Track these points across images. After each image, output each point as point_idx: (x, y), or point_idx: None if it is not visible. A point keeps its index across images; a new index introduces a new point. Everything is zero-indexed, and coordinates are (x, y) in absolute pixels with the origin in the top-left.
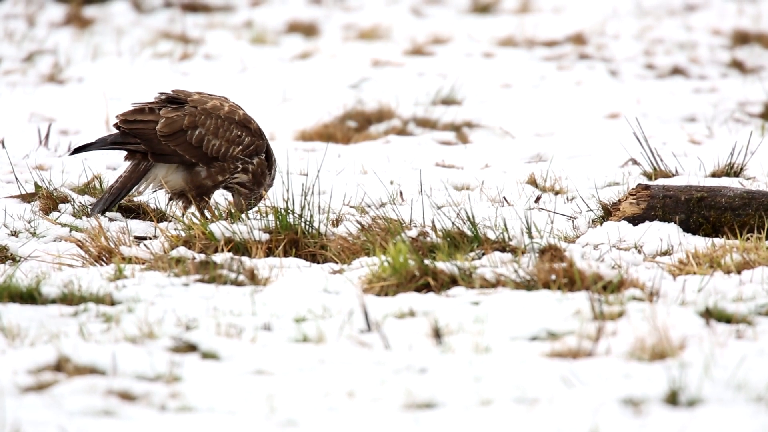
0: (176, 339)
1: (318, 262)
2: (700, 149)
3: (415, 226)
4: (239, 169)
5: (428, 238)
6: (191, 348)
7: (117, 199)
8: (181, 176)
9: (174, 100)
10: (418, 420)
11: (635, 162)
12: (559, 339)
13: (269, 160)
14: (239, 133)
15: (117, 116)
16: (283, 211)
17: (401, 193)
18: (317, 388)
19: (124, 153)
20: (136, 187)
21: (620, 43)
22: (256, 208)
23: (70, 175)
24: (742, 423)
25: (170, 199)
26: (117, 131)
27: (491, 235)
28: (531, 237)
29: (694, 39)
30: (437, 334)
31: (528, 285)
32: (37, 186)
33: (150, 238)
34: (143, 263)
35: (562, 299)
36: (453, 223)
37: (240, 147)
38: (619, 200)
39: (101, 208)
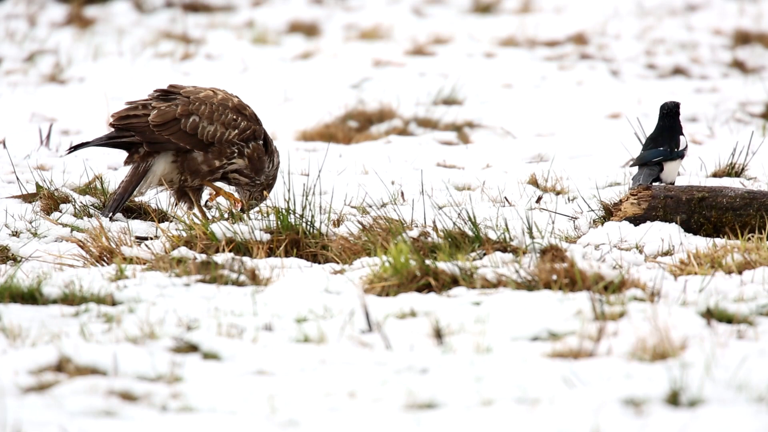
0: (177, 339)
1: (319, 263)
2: (701, 149)
3: (417, 227)
4: (235, 154)
5: (429, 239)
6: (192, 348)
7: (121, 204)
8: (178, 165)
9: (167, 94)
10: (419, 420)
11: None
12: (560, 339)
13: (268, 147)
14: (234, 117)
15: (111, 116)
16: (284, 211)
17: (402, 193)
18: (318, 389)
19: (125, 153)
20: (138, 188)
21: (621, 43)
22: (257, 209)
23: (71, 176)
24: (743, 423)
25: (177, 202)
26: (113, 129)
27: (492, 236)
28: (532, 237)
29: (695, 39)
30: (438, 334)
31: (529, 285)
32: (38, 186)
33: (151, 239)
34: (144, 263)
35: (563, 299)
36: (454, 224)
37: (236, 131)
38: (621, 200)
39: (106, 215)
